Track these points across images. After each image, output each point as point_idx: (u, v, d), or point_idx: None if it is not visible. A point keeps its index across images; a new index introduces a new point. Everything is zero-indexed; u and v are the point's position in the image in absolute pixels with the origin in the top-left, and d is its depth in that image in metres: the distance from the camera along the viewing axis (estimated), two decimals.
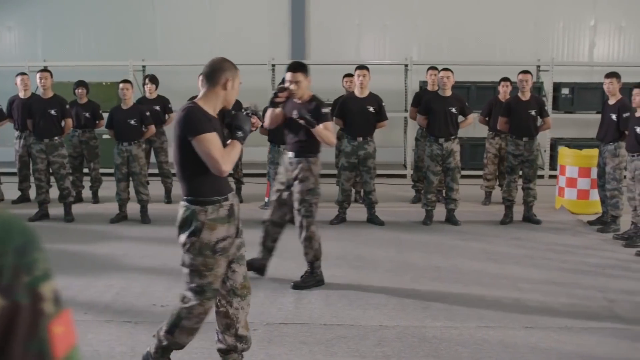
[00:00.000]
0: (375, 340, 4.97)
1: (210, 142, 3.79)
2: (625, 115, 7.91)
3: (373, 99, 8.52)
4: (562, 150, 9.68)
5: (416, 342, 4.95)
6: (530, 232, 8.31)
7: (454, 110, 8.45)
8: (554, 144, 12.24)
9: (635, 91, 7.52)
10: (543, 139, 12.65)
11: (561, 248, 7.61)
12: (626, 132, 7.81)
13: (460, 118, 8.59)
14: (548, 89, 12.53)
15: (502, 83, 9.75)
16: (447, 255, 7.25)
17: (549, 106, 12.40)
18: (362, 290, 6.09)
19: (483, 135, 10.38)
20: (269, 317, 5.43)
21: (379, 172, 11.91)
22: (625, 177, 8.04)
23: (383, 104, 8.62)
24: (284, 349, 4.84)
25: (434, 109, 8.48)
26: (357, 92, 8.57)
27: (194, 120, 3.81)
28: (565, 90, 12.34)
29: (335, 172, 9.53)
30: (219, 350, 4.24)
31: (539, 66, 12.97)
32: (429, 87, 9.84)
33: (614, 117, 8.12)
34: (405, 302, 5.81)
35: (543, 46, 13.68)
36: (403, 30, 14.20)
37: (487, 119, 9.79)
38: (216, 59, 4.03)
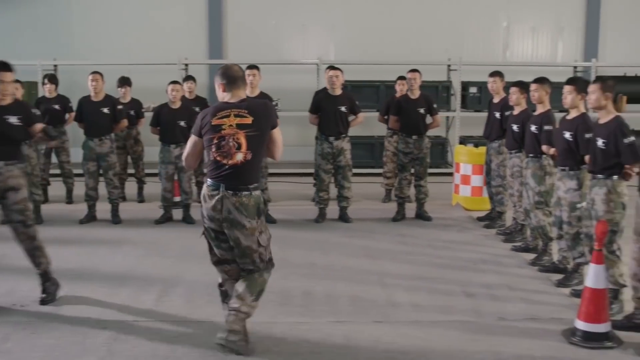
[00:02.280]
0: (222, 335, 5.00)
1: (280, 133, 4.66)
2: (507, 113, 8.08)
3: (263, 98, 8.57)
4: (457, 148, 9.87)
5: (261, 337, 5.01)
6: (418, 229, 8.45)
7: (343, 109, 8.54)
8: (463, 141, 12.42)
9: (512, 90, 7.68)
10: (452, 138, 12.89)
11: (442, 244, 7.75)
12: None
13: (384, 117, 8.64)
14: (457, 87, 12.76)
15: (399, 81, 9.88)
16: (326, 253, 7.34)
17: (457, 105, 12.64)
18: None
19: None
20: (126, 315, 5.47)
21: (285, 170, 12.08)
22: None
23: (274, 102, 8.68)
24: (128, 345, 4.87)
25: (324, 108, 8.56)
26: (247, 92, 8.58)
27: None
28: (473, 89, 12.56)
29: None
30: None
31: (449, 65, 13.17)
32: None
33: (497, 115, 8.29)
34: (266, 298, 5.80)
35: (456, 46, 13.84)
36: (320, 30, 14.29)
37: (385, 117, 9.90)
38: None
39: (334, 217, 8.88)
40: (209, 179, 4.52)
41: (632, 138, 5.33)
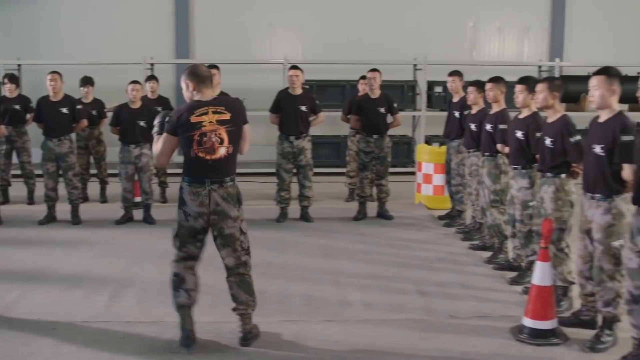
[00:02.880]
0: (170, 336, 4.99)
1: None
2: (466, 112, 8.12)
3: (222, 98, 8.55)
4: (419, 147, 9.92)
5: (210, 337, 5.01)
6: (378, 228, 8.47)
7: (304, 108, 8.55)
8: (428, 141, 12.47)
9: (470, 89, 7.73)
10: (419, 137, 12.93)
11: (400, 243, 7.78)
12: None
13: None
14: (423, 87, 12.82)
15: (362, 81, 9.88)
16: (283, 252, 7.34)
17: (423, 104, 12.69)
18: None
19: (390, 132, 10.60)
20: (75, 316, 5.43)
21: (251, 170, 12.07)
22: None
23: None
24: (73, 347, 4.84)
25: (285, 108, 8.57)
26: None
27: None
28: (438, 89, 12.61)
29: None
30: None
31: (415, 65, 13.21)
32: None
33: (457, 114, 8.34)
34: (220, 298, 5.82)
35: (422, 45, 13.86)
36: (287, 29, 14.28)
37: (348, 117, 9.89)
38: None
39: (295, 217, 8.86)
40: (189, 177, 4.62)
41: (578, 137, 5.38)
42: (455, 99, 8.47)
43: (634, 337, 4.50)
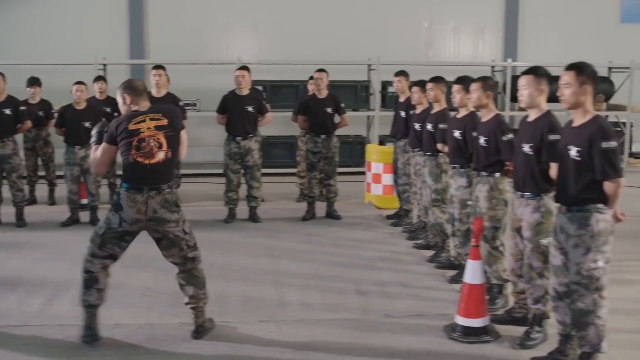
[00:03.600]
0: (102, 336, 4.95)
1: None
2: (412, 112, 8.16)
3: (170, 98, 8.54)
4: (369, 147, 9.95)
5: (141, 339, 4.99)
6: (325, 228, 8.47)
7: (250, 109, 8.53)
8: (382, 141, 12.51)
9: (414, 89, 7.78)
10: (372, 137, 12.97)
11: (345, 242, 7.79)
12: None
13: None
14: (377, 87, 12.87)
15: (311, 81, 9.88)
16: (227, 253, 7.31)
17: (376, 103, 12.73)
18: (123, 288, 6.04)
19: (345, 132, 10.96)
20: (8, 320, 5.36)
21: (204, 171, 12.02)
22: None
23: (181, 103, 8.67)
24: (2, 352, 4.78)
25: (232, 108, 8.55)
26: (153, 92, 8.53)
27: None
28: (392, 89, 12.59)
29: None
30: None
31: (369, 65, 13.25)
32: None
33: (403, 114, 8.38)
34: (158, 300, 5.83)
35: (377, 45, 13.88)
36: (242, 29, 14.24)
37: (298, 117, 9.89)
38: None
39: (244, 217, 8.84)
40: (127, 183, 4.66)
41: (511, 135, 5.44)
42: (402, 99, 8.53)
43: (559, 333, 4.56)
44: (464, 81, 6.19)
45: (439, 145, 6.83)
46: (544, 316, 4.91)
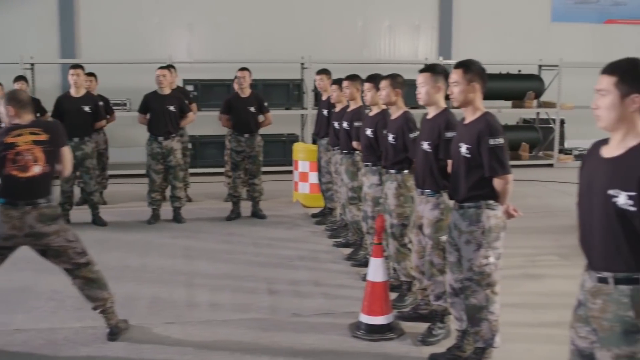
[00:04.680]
0: None
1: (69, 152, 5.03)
2: (332, 110, 8.15)
3: (89, 99, 8.40)
4: (295, 146, 9.91)
5: (41, 344, 4.90)
6: (249, 227, 8.41)
7: (172, 108, 8.43)
8: (315, 139, 12.47)
9: (333, 87, 7.78)
10: (306, 135, 12.95)
11: (266, 242, 7.75)
12: None
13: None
14: (310, 86, 12.84)
15: (235, 80, 9.79)
16: (144, 254, 7.21)
17: (309, 102, 12.71)
18: (30, 293, 5.93)
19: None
20: None
21: (128, 172, 11.86)
22: None
23: (100, 103, 8.54)
24: None
25: (153, 108, 8.46)
26: (72, 92, 8.37)
27: None
28: None
29: None
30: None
31: (302, 64, 13.22)
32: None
33: (325, 112, 8.38)
34: (62, 303, 5.70)
35: (312, 45, 13.87)
36: (175, 28, 14.12)
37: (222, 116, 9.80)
38: None
39: (169, 218, 8.74)
40: (3, 198, 4.59)
41: (417, 133, 5.44)
42: (324, 97, 8.53)
43: (457, 329, 4.59)
44: (375, 79, 6.19)
45: (354, 143, 6.84)
46: (445, 312, 4.93)
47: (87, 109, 8.28)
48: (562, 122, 14.23)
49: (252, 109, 8.67)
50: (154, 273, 6.59)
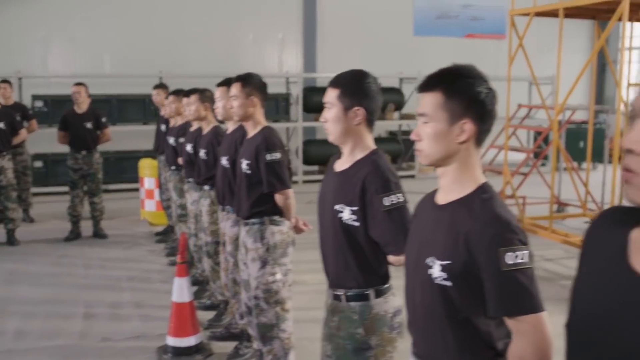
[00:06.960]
0: None
1: None
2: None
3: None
4: (141, 162, 9.65)
5: None
6: (85, 248, 8.10)
7: (1, 125, 8.05)
8: None
9: (169, 99, 7.57)
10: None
11: (99, 263, 7.47)
12: None
13: None
14: None
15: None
16: None
17: None
18: None
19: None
20: None
21: None
22: None
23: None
24: None
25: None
26: (2, 101, 7.98)
27: None
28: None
29: None
30: None
31: (161, 77, 12.96)
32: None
33: (163, 127, 8.18)
34: None
35: (173, 59, 13.66)
36: (92, 42, 13.61)
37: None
38: None
39: (3, 241, 8.33)
40: None
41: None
42: (162, 112, 8.32)
43: (254, 349, 4.50)
44: (180, 93, 6.07)
45: (180, 160, 6.69)
46: None
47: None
48: None
49: (89, 124, 8.37)
50: None
